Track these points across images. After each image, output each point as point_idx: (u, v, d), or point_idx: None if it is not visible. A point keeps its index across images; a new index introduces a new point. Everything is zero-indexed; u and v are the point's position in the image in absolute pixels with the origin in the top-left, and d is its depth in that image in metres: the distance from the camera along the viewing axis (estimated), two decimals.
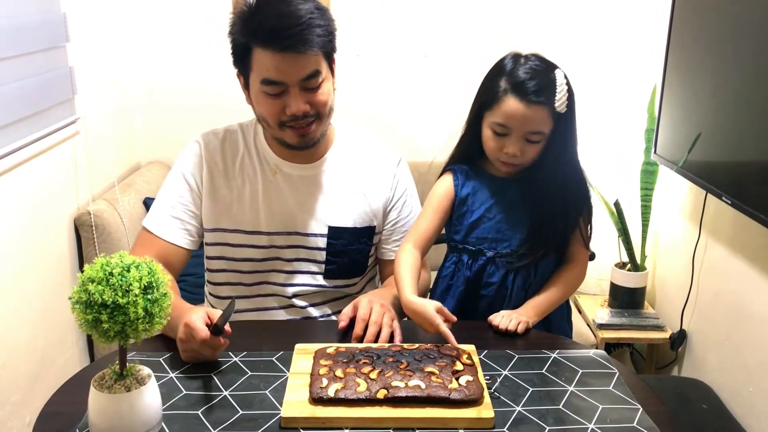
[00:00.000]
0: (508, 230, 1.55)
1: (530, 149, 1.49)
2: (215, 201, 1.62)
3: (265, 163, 1.63)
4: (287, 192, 1.63)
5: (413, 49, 2.83)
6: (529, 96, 1.44)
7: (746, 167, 1.94)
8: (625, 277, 2.64)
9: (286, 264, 1.65)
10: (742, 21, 1.94)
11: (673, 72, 2.34)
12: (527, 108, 1.44)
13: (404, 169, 1.74)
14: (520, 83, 1.45)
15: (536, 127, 1.46)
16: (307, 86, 1.49)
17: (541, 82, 1.44)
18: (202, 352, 1.29)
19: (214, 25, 2.76)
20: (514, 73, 1.47)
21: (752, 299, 2.06)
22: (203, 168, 1.63)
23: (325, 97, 1.52)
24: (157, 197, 1.65)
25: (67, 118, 2.24)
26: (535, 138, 1.47)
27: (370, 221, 1.68)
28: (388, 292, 1.59)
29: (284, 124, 1.52)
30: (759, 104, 1.86)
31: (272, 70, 1.46)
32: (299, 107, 1.48)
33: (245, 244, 1.63)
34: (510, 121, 1.46)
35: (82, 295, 1.01)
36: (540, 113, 1.45)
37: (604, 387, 1.27)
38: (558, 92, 1.44)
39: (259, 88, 1.49)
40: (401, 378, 1.21)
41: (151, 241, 1.59)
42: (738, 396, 2.13)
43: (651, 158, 2.49)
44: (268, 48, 1.44)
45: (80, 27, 2.30)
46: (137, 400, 1.06)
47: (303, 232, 1.63)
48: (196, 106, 2.85)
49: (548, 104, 1.44)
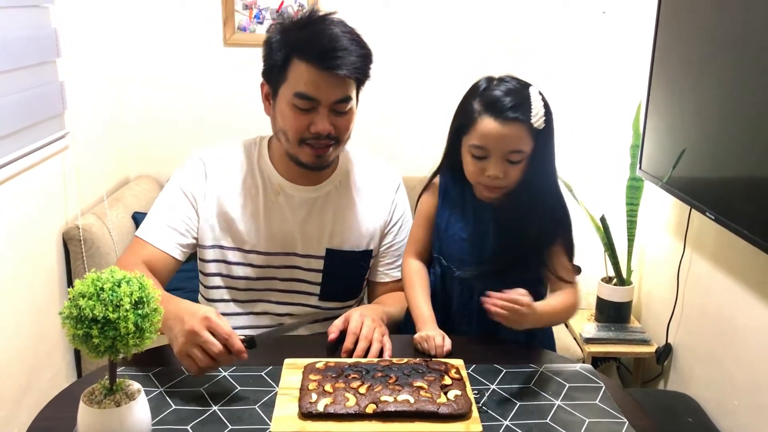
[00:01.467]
0: (479, 253, 1.54)
1: (512, 170, 1.45)
2: (216, 219, 1.62)
3: (268, 183, 1.64)
4: (288, 213, 1.63)
5: (412, 49, 2.84)
6: (505, 113, 1.41)
7: (729, 183, 1.97)
8: (612, 292, 2.66)
9: (281, 284, 1.66)
10: (725, 38, 1.98)
11: (658, 89, 2.37)
12: (503, 126, 1.41)
13: (402, 193, 1.77)
14: (494, 101, 1.43)
15: (515, 146, 1.43)
16: (337, 109, 1.52)
17: (515, 98, 1.42)
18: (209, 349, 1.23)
19: (206, 40, 2.78)
20: (487, 92, 1.45)
21: (736, 313, 2.08)
22: (205, 185, 1.63)
23: (348, 123, 1.56)
24: (152, 210, 1.64)
25: (57, 133, 2.24)
26: (516, 158, 1.43)
27: (368, 245, 1.69)
28: (380, 307, 1.60)
29: (304, 141, 1.54)
30: (742, 121, 1.89)
31: (310, 85, 1.48)
32: (325, 126, 1.51)
33: (242, 263, 1.63)
34: (487, 141, 1.43)
35: (73, 310, 1.01)
36: (517, 131, 1.42)
37: (590, 401, 1.28)
38: (534, 108, 1.41)
39: (290, 100, 1.51)
40: (390, 392, 1.22)
41: (142, 248, 1.59)
42: (723, 409, 2.15)
43: (636, 174, 2.52)
44: (311, 63, 1.47)
45: (71, 42, 2.31)
46: (127, 415, 1.06)
47: (301, 253, 1.64)
48: (186, 121, 2.86)
49: (525, 121, 1.41)
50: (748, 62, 1.85)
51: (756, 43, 1.82)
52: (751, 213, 1.83)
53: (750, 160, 1.86)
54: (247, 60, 2.76)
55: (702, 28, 2.12)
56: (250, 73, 2.72)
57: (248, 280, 1.65)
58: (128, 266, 1.44)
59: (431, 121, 2.83)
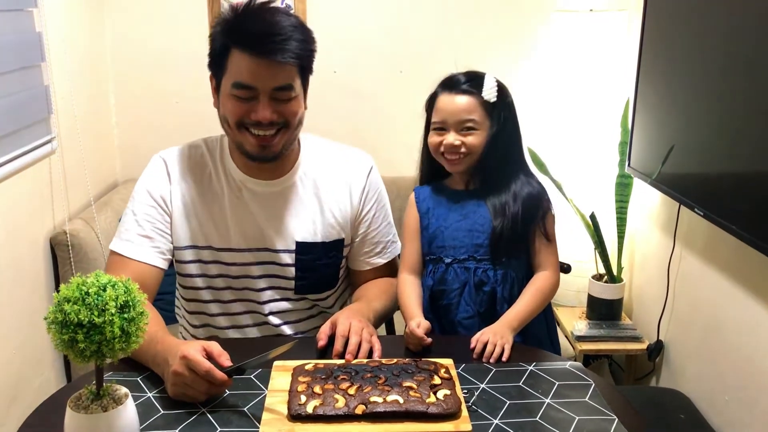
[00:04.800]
0: (465, 237, 1.59)
1: (468, 139, 1.56)
2: (185, 218, 1.60)
3: (231, 180, 1.61)
4: (254, 209, 1.61)
5: (390, 65, 2.86)
6: (459, 87, 1.57)
7: (718, 179, 1.98)
8: (602, 289, 2.67)
9: (257, 281, 1.64)
10: (713, 34, 1.98)
11: (646, 85, 2.38)
12: (456, 97, 1.56)
13: (375, 178, 1.72)
14: (449, 80, 1.59)
15: (467, 115, 1.55)
16: (278, 97, 1.49)
17: (468, 76, 1.58)
18: (196, 387, 1.23)
19: (191, 43, 2.77)
20: (445, 79, 1.61)
21: (726, 309, 2.08)
22: (170, 185, 1.60)
23: (295, 110, 1.52)
24: (122, 220, 1.60)
25: (43, 138, 2.23)
26: (469, 125, 1.56)
27: (338, 234, 1.67)
28: (365, 307, 1.59)
29: (244, 125, 1.50)
30: (730, 117, 1.89)
31: (246, 73, 1.46)
32: (265, 115, 1.48)
33: (217, 261, 1.62)
34: (443, 114, 1.57)
35: (58, 315, 1.00)
36: (469, 102, 1.56)
37: (580, 398, 1.28)
38: (486, 84, 1.55)
39: (230, 90, 1.48)
40: (379, 393, 1.21)
41: (124, 265, 1.53)
42: (714, 405, 2.15)
43: (625, 171, 2.53)
44: (246, 51, 1.44)
45: (56, 46, 2.30)
46: (114, 420, 1.06)
47: (272, 248, 1.62)
48: (173, 123, 2.84)
49: (476, 93, 1.55)
50: (736, 59, 1.86)
51: (744, 40, 1.83)
52: (740, 209, 1.83)
53: (739, 156, 1.86)
54: None
55: (689, 24, 2.12)
56: None
57: (225, 278, 1.63)
58: None
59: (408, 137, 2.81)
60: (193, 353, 1.23)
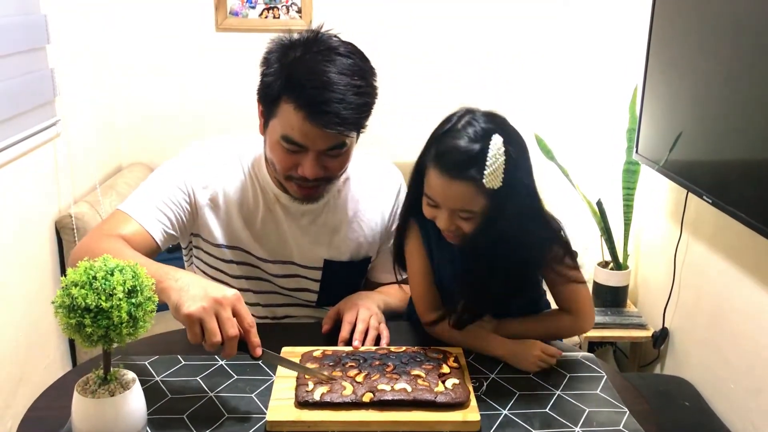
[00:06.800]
0: (464, 285, 1.38)
1: (464, 225, 1.30)
2: (217, 220, 1.55)
3: (265, 193, 1.56)
4: (285, 224, 1.56)
5: (396, 52, 2.83)
6: (450, 171, 1.25)
7: (726, 166, 1.96)
8: (608, 276, 2.66)
9: (281, 290, 1.61)
10: (722, 21, 1.96)
11: (654, 72, 2.36)
12: (449, 183, 1.26)
13: (402, 196, 1.64)
14: (443, 153, 1.26)
15: (461, 206, 1.27)
16: (329, 154, 1.41)
17: (467, 152, 1.24)
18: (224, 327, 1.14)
19: (198, 25, 2.75)
20: (443, 139, 1.28)
21: (733, 297, 2.08)
22: (207, 189, 1.53)
23: (342, 164, 1.45)
24: (142, 189, 1.52)
25: (48, 120, 2.22)
26: (465, 215, 1.29)
27: (366, 253, 1.64)
28: (377, 295, 1.57)
29: (291, 178, 1.45)
30: (739, 104, 1.88)
31: (297, 132, 1.36)
32: (312, 172, 1.40)
33: (245, 263, 1.58)
34: (434, 195, 1.29)
35: (66, 299, 1.00)
36: (464, 190, 1.25)
37: (591, 390, 1.27)
38: (489, 165, 1.22)
39: (279, 139, 1.39)
40: (387, 381, 1.21)
41: (124, 221, 1.44)
42: (719, 392, 2.15)
43: (633, 158, 2.51)
44: (300, 110, 1.34)
45: (61, 28, 2.28)
46: (122, 405, 1.05)
47: (299, 263, 1.59)
48: (178, 107, 2.84)
49: (475, 179, 1.24)
50: (746, 45, 1.84)
51: (754, 26, 1.80)
52: (749, 196, 1.82)
53: (747, 143, 1.85)
54: (239, 45, 2.74)
55: (699, 10, 2.10)
56: (242, 59, 2.72)
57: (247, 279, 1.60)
58: (103, 238, 1.38)
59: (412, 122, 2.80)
60: (246, 308, 1.19)
